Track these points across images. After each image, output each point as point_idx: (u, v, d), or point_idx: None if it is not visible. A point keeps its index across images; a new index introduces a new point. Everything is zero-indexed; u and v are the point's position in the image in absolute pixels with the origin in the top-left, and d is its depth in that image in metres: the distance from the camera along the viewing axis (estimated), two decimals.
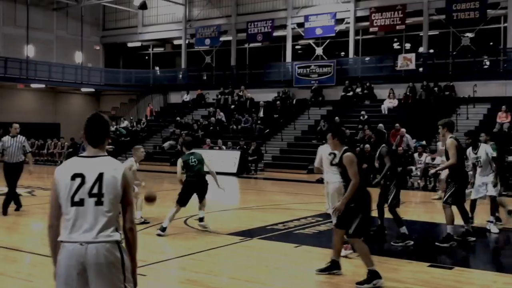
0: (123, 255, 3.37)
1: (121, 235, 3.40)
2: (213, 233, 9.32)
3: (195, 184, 9.23)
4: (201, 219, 9.49)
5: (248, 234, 9.27)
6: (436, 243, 8.47)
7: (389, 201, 8.59)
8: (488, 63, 26.64)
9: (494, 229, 9.72)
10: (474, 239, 8.66)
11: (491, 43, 27.27)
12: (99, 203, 3.29)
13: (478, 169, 9.90)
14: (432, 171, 8.95)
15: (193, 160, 9.31)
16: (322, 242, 8.72)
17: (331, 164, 8.11)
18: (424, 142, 19.54)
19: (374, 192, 7.25)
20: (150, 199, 9.08)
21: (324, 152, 8.58)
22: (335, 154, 7.60)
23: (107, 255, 3.27)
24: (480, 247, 8.90)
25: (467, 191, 9.12)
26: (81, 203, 3.31)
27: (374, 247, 8.79)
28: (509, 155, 17.54)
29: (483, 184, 9.77)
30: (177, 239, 8.99)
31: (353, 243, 6.76)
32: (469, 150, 10.05)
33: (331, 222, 10.43)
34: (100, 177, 3.31)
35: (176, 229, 9.80)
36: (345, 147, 6.66)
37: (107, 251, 3.27)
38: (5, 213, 10.92)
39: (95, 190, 3.30)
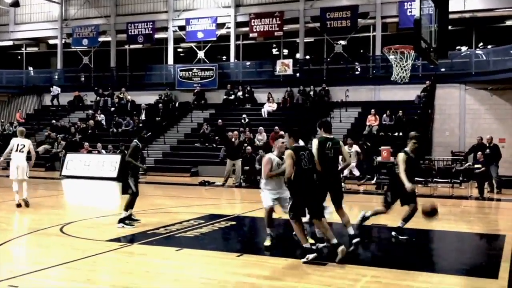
0: None
1: None
2: (91, 240, 9.07)
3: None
4: None
5: (129, 239, 9.13)
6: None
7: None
8: (359, 69, 28.39)
9: None
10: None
11: (362, 51, 29.07)
12: None
13: None
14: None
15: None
16: (204, 244, 8.83)
17: None
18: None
19: None
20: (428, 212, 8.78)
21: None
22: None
23: None
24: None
25: None
26: None
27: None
28: (377, 156, 18.80)
29: None
30: (52, 248, 8.65)
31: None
32: None
33: (212, 224, 10.63)
34: None
35: (50, 237, 9.43)
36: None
37: None
38: None
39: None
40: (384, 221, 11.75)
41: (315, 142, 8.16)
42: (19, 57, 36.74)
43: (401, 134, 22.30)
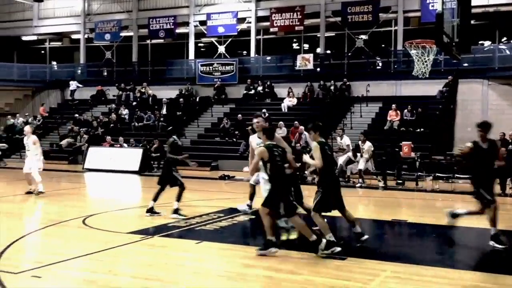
0: None
1: None
2: (112, 232, 9.21)
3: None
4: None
5: (150, 232, 9.25)
6: None
7: None
8: (380, 64, 28.16)
9: None
10: None
11: (383, 45, 28.83)
12: None
13: None
14: None
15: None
16: (223, 237, 8.91)
17: None
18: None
19: None
20: None
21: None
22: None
23: None
24: (374, 239, 9.38)
25: None
26: None
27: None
28: (400, 150, 18.69)
29: None
30: (74, 239, 8.80)
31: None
32: None
33: (232, 218, 10.69)
34: None
35: (73, 229, 9.60)
36: None
37: None
38: None
39: None
40: (405, 217, 11.73)
41: (316, 146, 7.97)
42: (42, 51, 37.22)
43: (422, 129, 22.13)
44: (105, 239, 8.64)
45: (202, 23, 30.92)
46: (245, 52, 31.09)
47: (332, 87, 26.38)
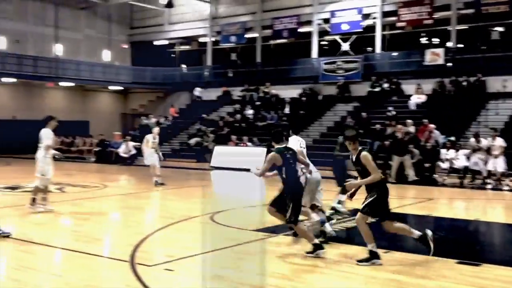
0: None
1: None
2: (239, 229, 9.35)
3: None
4: None
5: (274, 230, 9.27)
6: None
7: None
8: None
9: None
10: None
11: None
12: None
13: None
14: None
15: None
16: (349, 238, 8.71)
17: None
18: (453, 138, 19.22)
19: None
20: None
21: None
22: None
23: None
24: (507, 245, 8.75)
25: None
26: None
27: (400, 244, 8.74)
28: None
29: None
30: (203, 235, 9.06)
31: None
32: None
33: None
34: None
35: (202, 225, 9.89)
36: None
37: None
38: None
39: None
40: None
41: (366, 155, 7.31)
42: (173, 55, 39.10)
43: None
44: (232, 236, 8.80)
45: (326, 21, 30.66)
46: (369, 48, 30.33)
47: (464, 83, 24.86)
